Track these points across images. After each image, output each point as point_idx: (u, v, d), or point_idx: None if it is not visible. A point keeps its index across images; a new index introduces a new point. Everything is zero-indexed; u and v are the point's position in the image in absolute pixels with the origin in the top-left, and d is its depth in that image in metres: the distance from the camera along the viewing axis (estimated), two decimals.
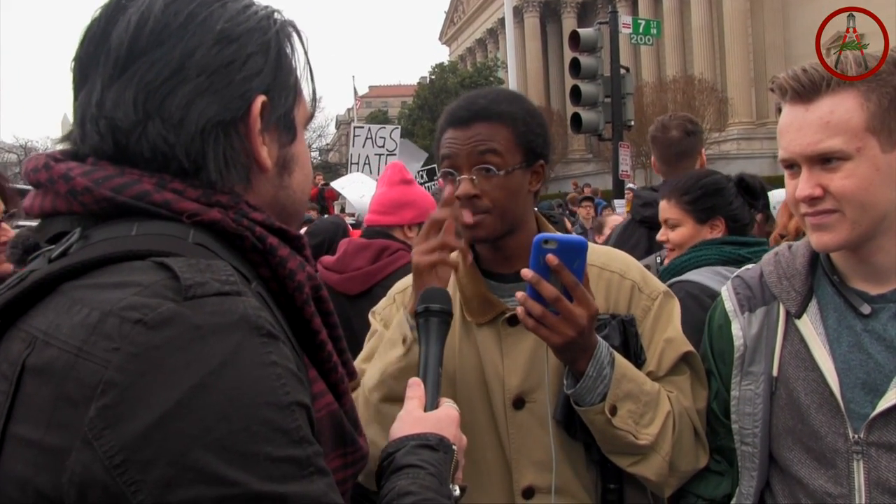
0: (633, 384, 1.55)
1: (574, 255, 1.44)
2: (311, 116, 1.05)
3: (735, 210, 2.50)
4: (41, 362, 0.74)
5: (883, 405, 1.33)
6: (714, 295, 2.21)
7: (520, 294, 1.49)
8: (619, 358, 1.56)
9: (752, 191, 2.57)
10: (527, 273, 1.45)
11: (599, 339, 1.54)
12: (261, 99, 0.92)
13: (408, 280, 1.85)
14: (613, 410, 1.52)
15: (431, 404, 1.20)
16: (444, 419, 1.16)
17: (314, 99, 1.04)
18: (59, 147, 0.95)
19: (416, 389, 1.21)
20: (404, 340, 1.57)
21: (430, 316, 1.36)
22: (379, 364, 1.62)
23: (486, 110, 1.63)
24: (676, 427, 1.59)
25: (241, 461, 0.71)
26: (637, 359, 1.63)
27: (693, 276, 2.34)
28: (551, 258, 1.42)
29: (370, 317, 1.86)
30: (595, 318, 1.50)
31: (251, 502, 0.71)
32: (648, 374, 1.63)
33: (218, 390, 0.72)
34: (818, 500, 1.42)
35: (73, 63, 0.93)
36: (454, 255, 1.62)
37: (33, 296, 0.80)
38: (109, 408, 0.70)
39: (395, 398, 1.52)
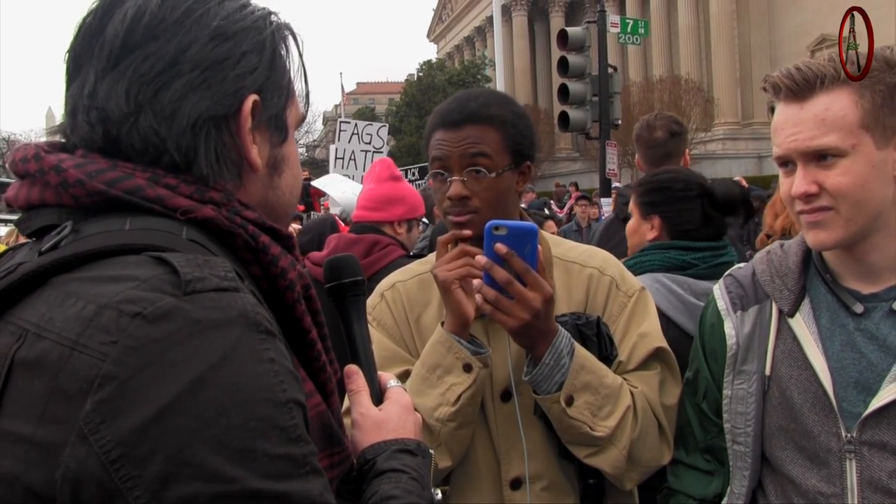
0: (593, 376, 1.57)
1: (525, 240, 1.49)
2: (302, 119, 1.05)
3: (674, 213, 2.34)
4: (33, 355, 0.73)
5: (875, 404, 1.34)
6: None
7: (476, 281, 1.53)
8: (580, 349, 1.58)
9: (716, 203, 2.31)
10: (480, 259, 1.50)
11: (561, 328, 1.57)
12: (252, 98, 0.91)
13: (394, 276, 1.86)
14: (570, 400, 1.54)
15: (375, 392, 1.17)
16: (403, 413, 1.14)
17: (307, 102, 1.04)
18: (45, 139, 0.93)
19: (357, 381, 1.16)
20: (467, 368, 1.57)
21: (346, 292, 1.22)
22: (438, 391, 1.58)
23: (477, 114, 1.66)
24: (639, 422, 1.60)
25: (240, 457, 0.70)
26: (608, 360, 1.64)
27: None
28: (499, 247, 1.47)
29: None
30: (551, 303, 1.52)
31: (249, 500, 0.70)
32: (618, 366, 1.66)
33: (217, 385, 0.71)
34: (811, 499, 1.42)
35: (66, 54, 0.92)
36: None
37: (23, 289, 0.78)
38: (106, 402, 0.68)
39: (469, 422, 1.60)
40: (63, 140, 0.91)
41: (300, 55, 1.01)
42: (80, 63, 0.90)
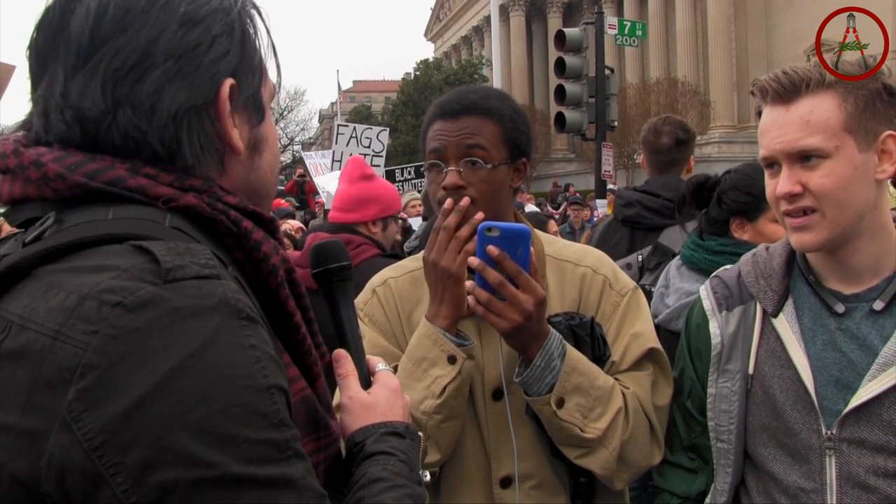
0: (584, 378, 1.57)
1: (517, 242, 1.49)
2: (275, 91, 1.03)
3: None
4: (16, 346, 0.73)
5: (855, 402, 1.36)
6: None
7: (468, 283, 1.53)
8: (571, 350, 1.58)
9: None
10: (473, 261, 1.50)
11: (552, 330, 1.57)
12: (229, 82, 0.91)
13: (386, 273, 1.85)
14: (560, 403, 1.55)
15: (364, 375, 1.17)
16: (391, 397, 1.14)
17: (279, 75, 1.03)
18: (20, 133, 0.91)
19: (346, 365, 1.15)
20: (452, 359, 1.57)
21: (332, 278, 1.23)
22: (423, 384, 1.58)
23: (476, 105, 1.67)
24: (630, 423, 1.60)
25: (220, 443, 0.71)
26: (600, 360, 1.64)
27: None
28: (491, 249, 1.47)
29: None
30: (543, 305, 1.52)
31: (230, 484, 0.71)
32: (611, 366, 1.66)
33: (197, 372, 0.71)
34: (791, 495, 1.44)
35: (28, 52, 0.90)
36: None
37: (7, 281, 0.79)
38: (88, 390, 0.69)
39: (456, 415, 1.59)
40: (35, 136, 0.89)
41: (267, 30, 0.99)
42: (44, 61, 0.88)
